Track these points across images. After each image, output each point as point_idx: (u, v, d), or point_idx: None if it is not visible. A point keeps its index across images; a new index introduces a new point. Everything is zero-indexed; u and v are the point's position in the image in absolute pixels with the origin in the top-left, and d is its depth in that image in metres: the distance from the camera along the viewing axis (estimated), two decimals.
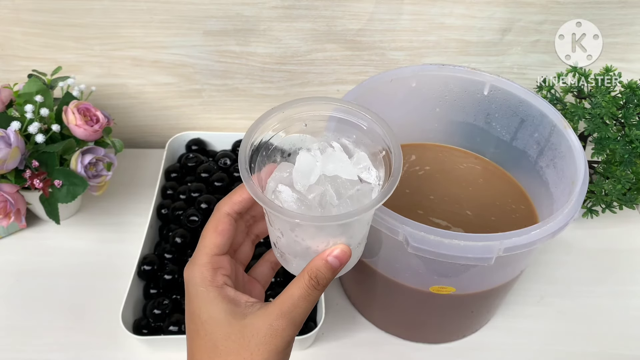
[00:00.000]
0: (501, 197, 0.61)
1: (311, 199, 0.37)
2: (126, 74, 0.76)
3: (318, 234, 0.36)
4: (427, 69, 0.59)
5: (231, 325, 0.35)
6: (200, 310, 0.36)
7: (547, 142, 0.56)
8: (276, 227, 0.38)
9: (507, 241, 0.43)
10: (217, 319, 0.35)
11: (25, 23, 0.70)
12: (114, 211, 0.73)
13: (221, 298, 0.36)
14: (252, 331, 0.35)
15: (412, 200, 0.59)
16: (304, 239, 0.37)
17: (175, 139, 0.77)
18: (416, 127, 0.64)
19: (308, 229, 0.36)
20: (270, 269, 0.44)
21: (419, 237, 0.43)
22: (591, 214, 0.66)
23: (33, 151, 0.62)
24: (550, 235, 0.44)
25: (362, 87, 0.56)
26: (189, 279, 0.37)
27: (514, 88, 0.57)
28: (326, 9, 0.69)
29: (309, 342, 0.58)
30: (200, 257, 0.38)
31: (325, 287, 0.36)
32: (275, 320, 0.35)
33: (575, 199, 0.47)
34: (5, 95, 0.64)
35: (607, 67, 0.64)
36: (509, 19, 0.71)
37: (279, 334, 0.35)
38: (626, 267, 0.69)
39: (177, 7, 0.69)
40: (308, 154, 0.40)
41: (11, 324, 0.60)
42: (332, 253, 0.36)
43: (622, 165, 0.62)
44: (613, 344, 0.60)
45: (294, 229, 0.37)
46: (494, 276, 0.51)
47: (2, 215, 0.61)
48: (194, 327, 0.36)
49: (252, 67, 0.76)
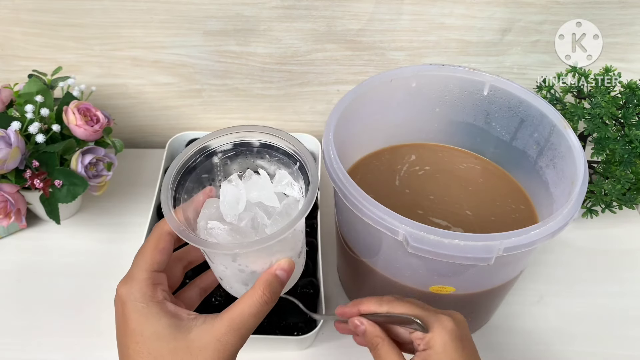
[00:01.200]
0: (501, 197, 0.61)
1: (244, 226, 0.39)
2: (126, 74, 0.77)
3: (260, 257, 0.38)
4: (427, 69, 0.59)
5: (177, 339, 0.35)
6: (142, 327, 0.35)
7: (547, 142, 0.56)
8: (218, 262, 0.39)
9: (506, 241, 0.43)
10: (162, 334, 0.35)
11: (25, 23, 0.71)
12: (114, 211, 0.73)
13: (163, 313, 0.36)
14: (200, 345, 0.35)
15: (412, 200, 0.59)
16: (248, 266, 0.38)
17: (176, 139, 0.77)
18: (416, 127, 0.64)
19: (249, 256, 0.37)
20: (198, 294, 0.44)
21: (419, 237, 0.43)
22: (591, 214, 0.66)
23: (33, 151, 0.62)
24: (550, 235, 0.44)
25: (362, 87, 0.56)
26: (126, 295, 0.36)
27: (513, 88, 0.57)
28: (326, 9, 0.69)
29: (308, 342, 0.58)
30: (139, 272, 0.37)
31: (273, 305, 0.38)
32: (224, 335, 0.35)
33: (575, 198, 0.47)
34: (6, 95, 0.64)
35: (606, 67, 0.64)
36: (509, 19, 0.71)
37: (228, 348, 0.35)
38: (626, 267, 0.69)
39: (177, 7, 0.69)
40: (230, 185, 0.41)
41: (11, 324, 0.60)
42: (279, 267, 0.38)
43: (622, 165, 0.62)
44: (613, 344, 0.60)
45: (236, 259, 0.38)
46: (493, 276, 0.51)
47: (3, 215, 0.61)
48: (135, 345, 0.35)
49: (252, 67, 0.76)
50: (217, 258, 0.39)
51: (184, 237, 0.36)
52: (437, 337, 0.39)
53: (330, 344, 0.59)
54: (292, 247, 0.40)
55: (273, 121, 0.83)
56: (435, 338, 0.39)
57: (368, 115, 0.59)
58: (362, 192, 0.45)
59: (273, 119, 0.83)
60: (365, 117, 0.59)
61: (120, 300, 0.37)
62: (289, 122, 0.83)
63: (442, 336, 0.39)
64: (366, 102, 0.58)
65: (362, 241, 0.53)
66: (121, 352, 0.37)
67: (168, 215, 0.37)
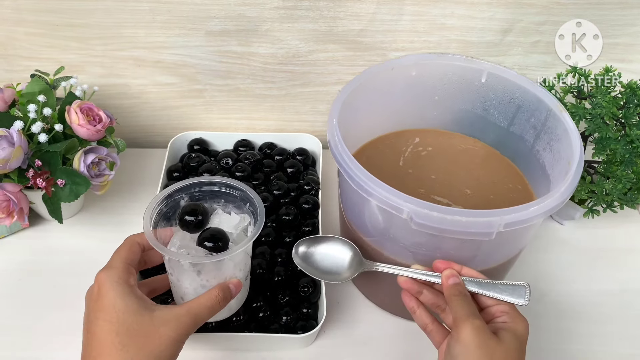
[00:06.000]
0: (499, 178, 0.63)
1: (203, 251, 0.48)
2: (128, 74, 0.77)
3: (219, 272, 0.48)
4: (426, 57, 0.61)
5: (143, 315, 0.43)
6: (116, 301, 0.43)
7: (544, 126, 0.57)
8: (183, 279, 0.48)
9: (507, 217, 0.44)
10: (133, 308, 0.43)
11: (28, 23, 0.71)
12: (117, 210, 0.73)
13: (134, 294, 0.44)
14: (162, 320, 0.43)
15: (415, 179, 0.61)
16: (209, 280, 0.48)
17: (177, 138, 0.77)
18: (417, 114, 0.66)
19: (210, 271, 0.47)
20: (147, 293, 0.50)
21: (422, 214, 0.44)
22: (592, 213, 0.67)
23: (36, 150, 0.62)
24: (548, 211, 0.46)
25: (364, 75, 0.58)
26: (105, 278, 0.44)
27: (510, 75, 0.59)
28: (328, 9, 0.70)
29: (310, 340, 0.58)
30: (118, 263, 0.46)
31: (223, 307, 0.47)
32: (182, 317, 0.44)
33: (572, 177, 0.48)
34: (8, 95, 0.65)
35: (607, 67, 0.65)
36: (509, 19, 0.71)
37: (184, 327, 0.44)
38: (626, 267, 0.69)
39: (179, 8, 0.69)
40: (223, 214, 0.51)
41: (14, 323, 0.60)
42: (231, 282, 0.48)
43: (623, 165, 0.63)
44: (613, 343, 0.61)
45: (200, 275, 0.47)
46: (494, 254, 0.53)
47: (5, 214, 0.61)
48: (108, 316, 0.43)
49: (254, 67, 0.76)
50: (184, 275, 0.48)
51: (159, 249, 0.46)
52: (519, 326, 0.46)
53: (331, 341, 0.59)
54: (242, 269, 0.50)
55: (274, 121, 0.84)
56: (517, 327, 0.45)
57: (370, 102, 0.61)
58: (367, 173, 0.47)
59: (274, 119, 0.83)
60: (368, 104, 0.61)
61: (99, 282, 0.45)
62: (290, 122, 0.84)
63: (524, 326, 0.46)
64: (368, 90, 0.59)
65: (366, 222, 0.54)
66: (90, 323, 0.44)
67: (148, 231, 0.47)
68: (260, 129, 0.85)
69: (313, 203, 0.69)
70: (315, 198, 0.70)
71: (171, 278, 0.50)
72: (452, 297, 0.46)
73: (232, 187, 0.52)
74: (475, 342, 0.42)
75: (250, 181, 0.72)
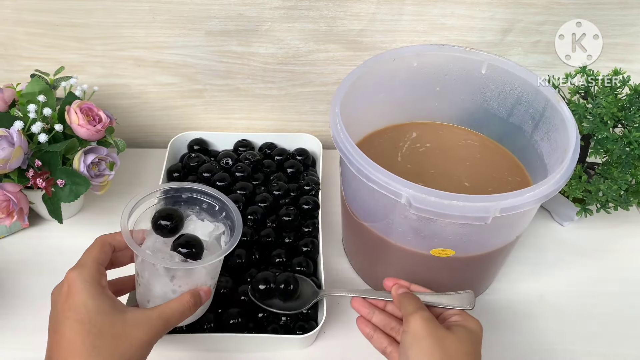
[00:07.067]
0: (498, 170, 0.63)
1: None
2: (128, 74, 0.77)
3: (192, 279, 0.48)
4: (427, 49, 0.62)
5: (115, 316, 0.43)
6: (87, 302, 0.43)
7: (542, 116, 0.58)
8: (154, 283, 0.48)
9: (503, 202, 0.45)
10: (104, 309, 0.43)
11: (28, 23, 0.71)
12: (117, 210, 0.71)
13: (105, 295, 0.44)
14: (134, 322, 0.43)
15: (413, 174, 0.61)
16: (181, 286, 0.48)
17: (177, 138, 0.77)
18: (417, 105, 0.67)
19: (183, 277, 0.48)
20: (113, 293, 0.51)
21: (420, 199, 0.46)
22: (585, 212, 0.66)
23: (36, 151, 0.62)
24: (543, 197, 0.47)
25: (366, 65, 0.58)
26: (76, 277, 0.44)
27: (509, 66, 0.60)
28: (327, 9, 0.70)
29: (310, 341, 0.58)
30: (89, 262, 0.46)
31: (193, 313, 0.48)
32: (154, 320, 0.45)
33: (567, 164, 0.49)
34: (8, 95, 0.65)
35: (615, 69, 0.64)
36: (509, 19, 0.71)
37: (155, 329, 0.44)
38: (626, 267, 0.69)
39: (179, 8, 0.69)
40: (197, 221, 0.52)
41: (14, 323, 0.60)
42: (201, 289, 0.49)
43: (620, 167, 0.62)
44: (612, 343, 0.61)
45: (173, 280, 0.48)
46: (491, 239, 0.54)
47: (5, 214, 0.61)
48: (78, 317, 0.42)
49: (254, 67, 0.76)
50: (157, 280, 0.47)
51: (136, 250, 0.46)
52: (471, 323, 0.48)
53: (331, 342, 0.59)
54: (212, 277, 0.51)
55: (274, 121, 0.84)
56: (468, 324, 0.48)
57: (371, 93, 0.61)
58: (367, 159, 0.48)
59: (274, 119, 0.83)
60: (369, 95, 0.61)
61: (69, 281, 0.44)
62: (290, 122, 0.84)
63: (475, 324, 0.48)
64: (370, 80, 0.60)
65: (367, 207, 0.55)
66: (59, 324, 0.43)
67: (126, 232, 0.47)
68: (260, 129, 0.85)
69: (313, 203, 0.69)
70: (315, 198, 0.70)
71: (140, 280, 0.49)
72: (401, 297, 0.50)
73: (210, 195, 0.53)
74: (424, 331, 0.45)
75: (250, 181, 0.72)
